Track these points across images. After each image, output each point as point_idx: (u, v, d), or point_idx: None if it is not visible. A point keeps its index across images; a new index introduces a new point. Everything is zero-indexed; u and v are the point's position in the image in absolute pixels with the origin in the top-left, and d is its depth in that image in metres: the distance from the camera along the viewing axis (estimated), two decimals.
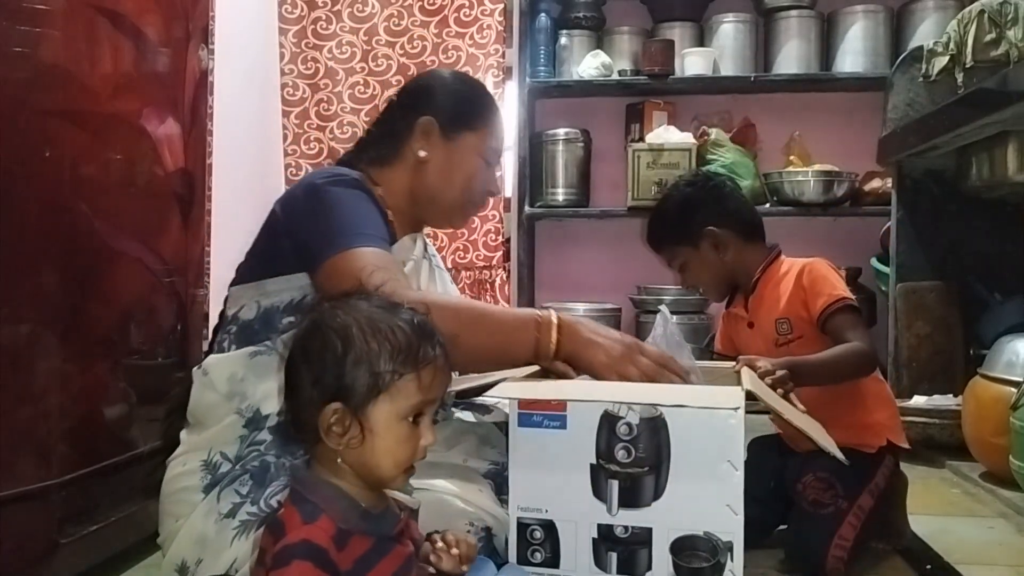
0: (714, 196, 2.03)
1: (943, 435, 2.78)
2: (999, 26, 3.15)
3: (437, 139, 1.71)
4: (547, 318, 1.43)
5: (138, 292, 1.92)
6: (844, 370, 1.82)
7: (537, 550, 1.30)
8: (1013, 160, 2.79)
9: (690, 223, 2.01)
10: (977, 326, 3.18)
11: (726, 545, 1.22)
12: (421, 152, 1.70)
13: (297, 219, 1.54)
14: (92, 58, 1.74)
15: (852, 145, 4.01)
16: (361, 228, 1.49)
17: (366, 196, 1.59)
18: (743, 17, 4.12)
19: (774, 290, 1.97)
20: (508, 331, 1.44)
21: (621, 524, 1.26)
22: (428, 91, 1.77)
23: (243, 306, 1.52)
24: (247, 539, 1.36)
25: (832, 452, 1.45)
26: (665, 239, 2.06)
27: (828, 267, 1.95)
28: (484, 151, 1.75)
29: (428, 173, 1.72)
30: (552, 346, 1.41)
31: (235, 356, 1.49)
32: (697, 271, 2.04)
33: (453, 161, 1.72)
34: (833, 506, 1.79)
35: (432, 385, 1.08)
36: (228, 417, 1.46)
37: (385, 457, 1.06)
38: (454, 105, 1.75)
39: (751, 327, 2.00)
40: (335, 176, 1.59)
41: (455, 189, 1.73)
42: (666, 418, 1.24)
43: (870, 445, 1.87)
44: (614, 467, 1.25)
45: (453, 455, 1.52)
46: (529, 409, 1.30)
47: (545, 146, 4.14)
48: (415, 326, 1.10)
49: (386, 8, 3.74)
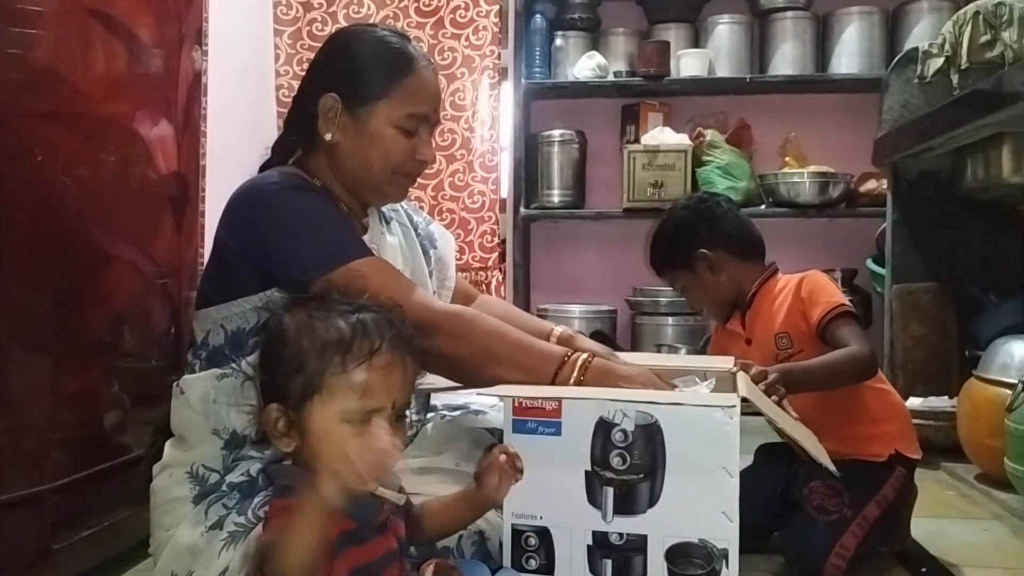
0: (707, 218, 2.04)
1: (938, 437, 2.78)
2: (994, 27, 3.15)
3: (342, 118, 1.54)
4: (575, 359, 1.41)
5: (131, 295, 1.91)
6: (840, 375, 1.81)
7: (532, 557, 1.30)
8: (1008, 162, 2.79)
9: (684, 247, 2.03)
10: (972, 327, 3.18)
11: (721, 552, 1.22)
12: (327, 135, 1.54)
13: (254, 239, 1.45)
14: (85, 60, 1.73)
15: (847, 146, 4.01)
16: (340, 238, 1.43)
17: (316, 195, 1.50)
18: (738, 18, 4.12)
19: (771, 306, 1.97)
20: (535, 361, 1.42)
21: (616, 531, 1.26)
22: (326, 64, 1.60)
23: (209, 331, 1.48)
24: (236, 549, 1.35)
25: (823, 463, 1.44)
26: (663, 263, 2.09)
27: (825, 278, 1.95)
28: (400, 119, 1.53)
29: (342, 157, 1.56)
30: (571, 383, 1.39)
31: (205, 376, 1.46)
32: (696, 293, 2.06)
33: (363, 139, 1.54)
34: (837, 514, 1.77)
35: (374, 387, 1.05)
36: (208, 437, 1.45)
37: (333, 460, 1.03)
38: (354, 75, 1.55)
39: (749, 344, 1.99)
40: (275, 184, 1.48)
41: (373, 169, 1.55)
42: (661, 425, 1.23)
43: (876, 455, 1.86)
44: (609, 474, 1.25)
45: (445, 460, 1.52)
46: (524, 416, 1.29)
47: (541, 147, 4.13)
48: (355, 324, 1.08)
49: (382, 9, 3.73)
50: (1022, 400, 2.16)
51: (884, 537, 1.90)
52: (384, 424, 1.06)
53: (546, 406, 1.28)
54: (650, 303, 3.97)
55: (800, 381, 1.72)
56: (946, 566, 1.89)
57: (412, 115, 1.54)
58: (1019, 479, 2.18)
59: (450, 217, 3.68)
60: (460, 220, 3.70)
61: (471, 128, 3.72)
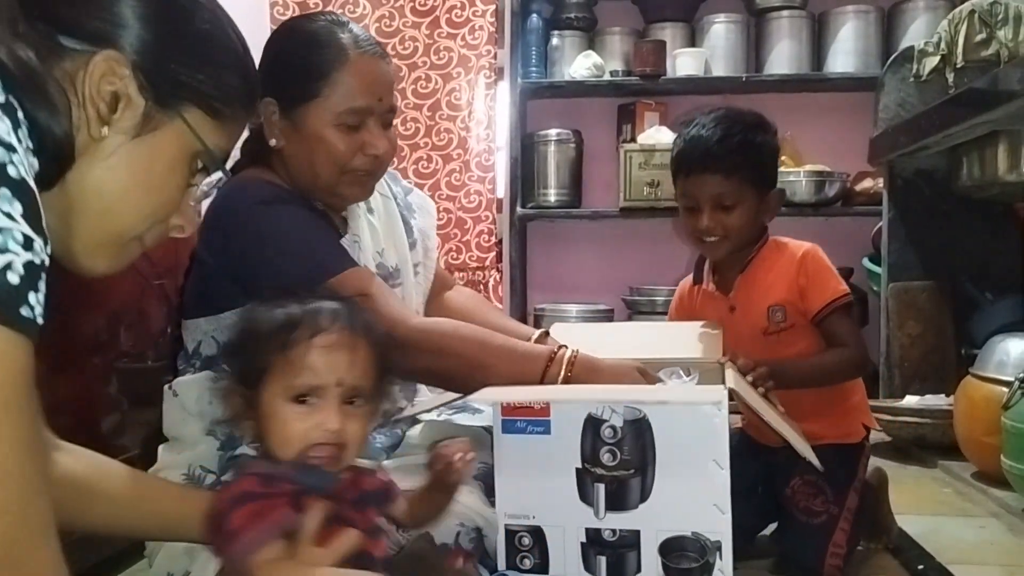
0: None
1: (935, 435, 2.78)
2: (989, 26, 3.16)
3: (281, 122, 1.48)
4: (561, 355, 1.41)
5: (127, 294, 1.91)
6: (832, 377, 1.81)
7: (526, 556, 1.30)
8: (1004, 160, 2.80)
9: (774, 171, 1.87)
10: (969, 325, 3.19)
11: (714, 545, 1.23)
12: (272, 141, 1.48)
13: (234, 259, 1.42)
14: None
15: (843, 145, 4.01)
16: (316, 254, 1.40)
17: (289, 203, 1.46)
18: (734, 17, 4.12)
19: (767, 274, 1.85)
20: (520, 365, 1.41)
21: (609, 527, 1.26)
22: (263, 66, 1.46)
23: (201, 342, 1.48)
24: None
25: (808, 457, 1.45)
26: (741, 170, 1.79)
27: (826, 258, 1.86)
28: (338, 117, 1.45)
29: (289, 162, 1.50)
30: (560, 381, 1.39)
31: (201, 378, 1.45)
32: (741, 218, 1.81)
33: (305, 143, 1.47)
34: (825, 513, 1.75)
35: (314, 365, 1.07)
36: (203, 437, 1.45)
37: (275, 439, 1.08)
38: (284, 76, 1.46)
39: (732, 311, 1.87)
40: (248, 199, 1.44)
41: (320, 172, 1.48)
42: (650, 419, 1.24)
43: (853, 434, 1.84)
44: (600, 470, 1.25)
45: None
46: (513, 415, 1.29)
47: (537, 147, 4.13)
48: (306, 309, 1.10)
49: (377, 9, 3.73)
50: (1018, 398, 2.16)
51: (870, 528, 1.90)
52: (329, 404, 1.07)
53: (535, 405, 1.28)
54: (646, 302, 3.97)
55: (790, 378, 1.71)
56: (943, 564, 1.88)
57: (352, 110, 1.46)
58: (1016, 477, 2.18)
59: (447, 217, 3.68)
60: (457, 220, 3.70)
61: (467, 128, 3.72)
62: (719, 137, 1.78)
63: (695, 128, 1.83)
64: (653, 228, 4.17)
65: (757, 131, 1.83)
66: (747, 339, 1.81)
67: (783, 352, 1.81)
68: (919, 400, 2.98)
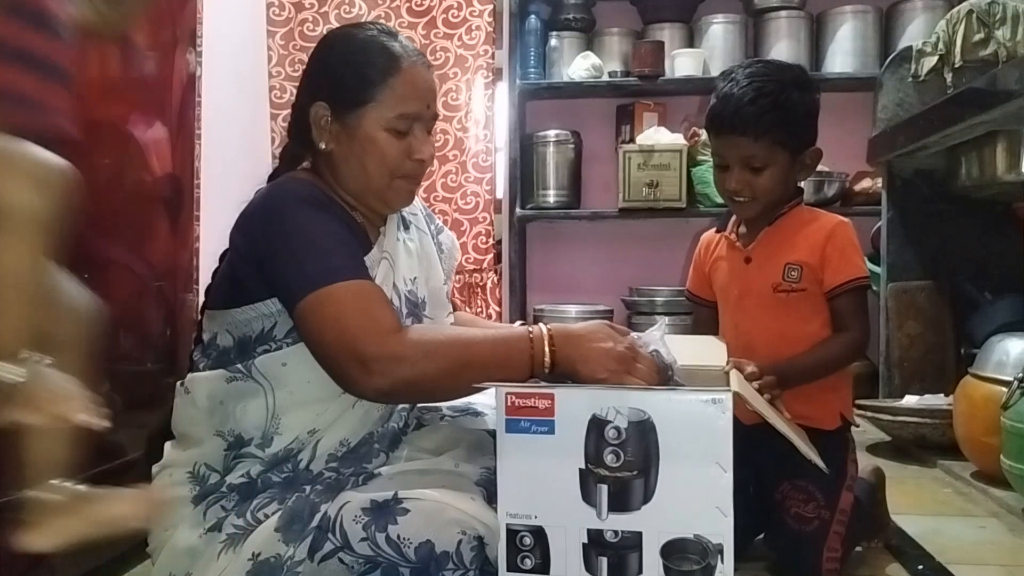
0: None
1: (935, 435, 2.78)
2: (987, 26, 3.16)
3: (333, 126, 1.52)
4: (538, 332, 1.39)
5: (126, 298, 1.91)
6: (837, 367, 1.79)
7: (527, 556, 1.29)
8: (1002, 160, 2.80)
9: (808, 132, 1.81)
10: (968, 325, 3.19)
11: (716, 547, 1.22)
12: (322, 145, 1.52)
13: (261, 249, 1.44)
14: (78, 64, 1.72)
15: (842, 145, 3.99)
16: (331, 259, 1.40)
17: (326, 208, 1.48)
18: (733, 18, 4.12)
19: (794, 233, 1.81)
20: (504, 353, 1.38)
21: (611, 528, 1.26)
22: (314, 72, 1.57)
23: (217, 333, 1.48)
24: (235, 552, 1.35)
25: (814, 460, 1.44)
26: (772, 132, 1.74)
27: (855, 236, 1.83)
28: (390, 121, 1.50)
29: (338, 165, 1.53)
30: (547, 359, 1.37)
31: (214, 376, 1.45)
32: (772, 179, 1.77)
33: (356, 146, 1.51)
34: (817, 519, 1.72)
35: None
36: (211, 437, 1.45)
37: None
38: (339, 81, 1.52)
39: (748, 262, 1.84)
40: (288, 195, 1.48)
41: (371, 175, 1.52)
42: (654, 421, 1.24)
43: (824, 420, 1.79)
44: (603, 471, 1.25)
45: (444, 461, 1.50)
46: (517, 415, 1.29)
47: (536, 148, 4.13)
48: None
49: (374, 9, 3.73)
50: (1018, 397, 2.16)
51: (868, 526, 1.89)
52: None
53: (539, 405, 1.28)
54: (646, 303, 3.97)
55: (795, 379, 1.70)
56: (943, 564, 1.88)
57: (403, 115, 1.51)
58: (1015, 476, 2.18)
59: (443, 219, 3.67)
60: (453, 221, 3.70)
61: (464, 128, 3.72)
62: (751, 97, 1.73)
63: (729, 84, 1.79)
64: (652, 228, 4.17)
65: (793, 89, 1.76)
66: (756, 293, 1.80)
67: (787, 314, 1.79)
68: (919, 400, 2.99)
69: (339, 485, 1.41)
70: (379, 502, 1.33)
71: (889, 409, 2.92)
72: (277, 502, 1.39)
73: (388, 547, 1.29)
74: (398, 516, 1.31)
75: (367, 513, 1.32)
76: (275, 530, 1.35)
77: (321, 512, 1.34)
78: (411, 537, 1.29)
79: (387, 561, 1.29)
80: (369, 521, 1.31)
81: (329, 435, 1.45)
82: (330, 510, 1.34)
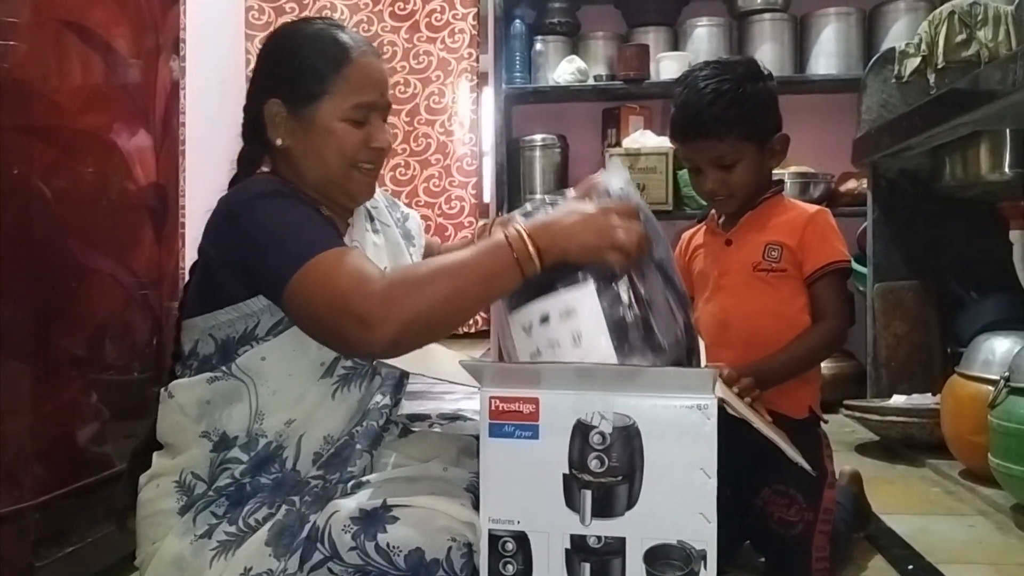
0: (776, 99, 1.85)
1: (923, 434, 2.79)
2: (969, 27, 3.18)
3: (289, 122, 1.51)
4: (514, 232, 1.33)
5: (111, 308, 1.90)
6: (817, 359, 1.80)
7: (509, 562, 1.28)
8: (986, 159, 2.82)
9: (770, 120, 1.83)
10: (954, 324, 3.21)
11: (699, 553, 1.22)
12: (279, 141, 1.51)
13: (232, 249, 1.43)
14: (60, 72, 1.72)
15: (827, 146, 4.02)
16: (306, 236, 1.39)
17: (292, 196, 1.47)
18: (717, 21, 4.14)
19: (775, 218, 1.84)
20: (488, 263, 1.33)
21: (594, 534, 1.25)
22: (264, 69, 1.56)
23: (198, 341, 1.47)
24: (227, 560, 1.35)
25: (799, 462, 1.44)
26: (735, 129, 1.76)
27: (834, 223, 1.86)
28: (347, 112, 1.49)
29: (297, 161, 1.52)
30: (534, 257, 1.32)
31: (197, 381, 1.44)
32: (745, 174, 1.80)
33: (314, 139, 1.50)
34: (801, 522, 1.71)
35: None
36: (196, 439, 1.43)
37: None
38: (292, 76, 1.51)
39: (728, 244, 1.86)
40: (251, 193, 1.46)
41: (330, 166, 1.51)
42: (639, 427, 1.23)
43: (791, 409, 1.76)
44: (587, 477, 1.24)
45: (432, 467, 1.50)
46: (501, 419, 1.29)
47: (522, 152, 4.14)
48: None
49: (355, 14, 3.69)
50: (1004, 396, 2.17)
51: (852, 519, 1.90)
52: None
53: (523, 409, 1.28)
54: None
55: (774, 378, 1.70)
56: (932, 563, 1.89)
57: (359, 105, 1.50)
58: (1003, 475, 2.19)
59: (425, 223, 3.64)
60: (437, 226, 3.65)
61: (448, 132, 3.66)
62: (709, 100, 1.76)
63: (685, 92, 1.81)
64: None
65: (746, 82, 1.79)
66: (736, 273, 1.81)
67: (765, 293, 1.79)
68: (906, 399, 3.00)
69: (327, 494, 1.40)
70: (368, 511, 1.32)
71: (877, 409, 2.93)
72: (268, 506, 1.39)
73: (378, 556, 1.29)
74: (387, 524, 1.31)
75: (356, 522, 1.31)
76: (265, 544, 1.34)
77: (310, 523, 1.34)
78: (401, 545, 1.29)
79: (377, 570, 1.29)
80: (358, 530, 1.31)
81: (311, 430, 1.44)
82: (319, 520, 1.34)
